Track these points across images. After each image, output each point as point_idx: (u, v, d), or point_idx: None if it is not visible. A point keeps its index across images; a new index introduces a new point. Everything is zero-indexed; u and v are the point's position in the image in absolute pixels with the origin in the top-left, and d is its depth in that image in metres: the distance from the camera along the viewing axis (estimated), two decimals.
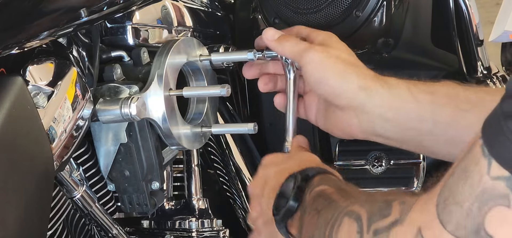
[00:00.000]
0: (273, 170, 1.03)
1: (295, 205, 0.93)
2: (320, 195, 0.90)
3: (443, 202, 0.65)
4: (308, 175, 0.95)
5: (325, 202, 0.87)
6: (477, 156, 0.62)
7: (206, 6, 1.40)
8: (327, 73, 1.06)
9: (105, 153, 1.15)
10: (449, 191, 0.65)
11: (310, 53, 1.07)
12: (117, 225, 1.21)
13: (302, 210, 0.92)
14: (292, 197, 0.93)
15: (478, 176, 0.62)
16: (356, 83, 1.05)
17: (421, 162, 1.44)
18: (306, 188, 0.93)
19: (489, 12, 2.65)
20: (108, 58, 1.15)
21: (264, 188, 1.02)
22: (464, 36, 1.50)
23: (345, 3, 1.30)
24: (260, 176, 1.06)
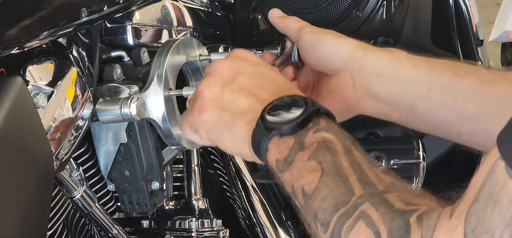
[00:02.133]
0: (252, 70, 0.93)
1: (298, 115, 0.82)
2: (326, 144, 0.80)
3: (472, 232, 0.61)
4: (319, 109, 0.84)
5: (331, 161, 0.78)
6: (502, 178, 0.59)
7: (206, 6, 1.41)
8: (323, 38, 1.04)
9: (105, 153, 1.15)
10: (477, 219, 0.61)
11: (309, 27, 1.05)
12: (117, 225, 1.21)
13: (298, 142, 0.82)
14: (300, 120, 0.82)
15: (507, 200, 0.59)
16: (352, 44, 1.02)
17: (421, 162, 1.44)
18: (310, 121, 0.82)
19: (489, 12, 2.65)
20: (108, 58, 1.16)
21: (234, 76, 0.92)
22: (464, 36, 1.50)
23: (345, 3, 1.30)
24: (233, 63, 0.94)
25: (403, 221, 0.69)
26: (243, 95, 0.91)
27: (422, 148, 1.45)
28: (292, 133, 0.82)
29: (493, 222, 0.60)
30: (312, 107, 0.83)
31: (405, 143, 1.47)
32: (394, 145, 1.48)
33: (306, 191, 0.79)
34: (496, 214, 0.59)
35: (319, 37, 1.04)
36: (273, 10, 1.11)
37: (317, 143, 0.81)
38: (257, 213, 1.46)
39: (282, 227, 1.46)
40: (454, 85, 0.98)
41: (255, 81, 0.92)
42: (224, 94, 0.92)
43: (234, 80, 0.93)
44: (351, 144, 0.81)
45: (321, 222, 0.76)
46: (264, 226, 1.46)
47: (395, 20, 1.37)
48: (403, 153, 1.45)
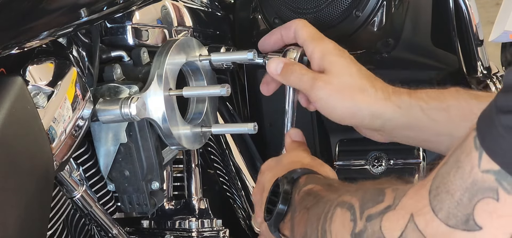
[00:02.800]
0: (269, 176, 1.04)
1: (284, 208, 0.94)
2: (308, 194, 0.92)
3: (435, 189, 0.66)
4: (293, 177, 0.96)
5: (314, 199, 0.89)
6: (469, 147, 0.63)
7: (206, 6, 1.40)
8: (337, 109, 1.07)
9: (105, 153, 1.15)
10: (441, 179, 0.66)
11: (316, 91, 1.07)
12: (117, 225, 1.21)
13: (292, 211, 0.94)
14: (280, 201, 0.95)
15: (469, 167, 0.63)
16: (368, 113, 1.06)
17: (421, 162, 1.44)
18: (293, 189, 0.95)
19: (489, 12, 2.65)
20: (108, 58, 1.16)
21: (262, 195, 1.05)
22: (464, 36, 1.50)
23: (345, 3, 1.30)
24: (259, 182, 1.08)
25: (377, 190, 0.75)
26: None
27: (422, 148, 1.45)
28: (287, 213, 0.95)
29: (454, 184, 0.64)
30: (285, 185, 0.96)
31: None
32: (394, 145, 1.47)
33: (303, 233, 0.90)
34: (458, 178, 0.64)
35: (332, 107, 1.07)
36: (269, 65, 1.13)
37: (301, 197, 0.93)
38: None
39: None
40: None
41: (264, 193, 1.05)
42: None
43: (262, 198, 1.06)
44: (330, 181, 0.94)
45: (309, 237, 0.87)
46: None
47: (395, 20, 1.37)
48: (403, 153, 1.45)
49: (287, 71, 1.10)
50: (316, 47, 1.09)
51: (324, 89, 1.06)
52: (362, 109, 1.05)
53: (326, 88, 1.06)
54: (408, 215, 0.69)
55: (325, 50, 1.09)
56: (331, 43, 1.10)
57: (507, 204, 0.61)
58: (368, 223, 0.74)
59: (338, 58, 1.08)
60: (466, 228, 0.64)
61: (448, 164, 0.66)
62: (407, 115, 1.05)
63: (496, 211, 0.62)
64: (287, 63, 1.11)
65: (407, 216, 0.69)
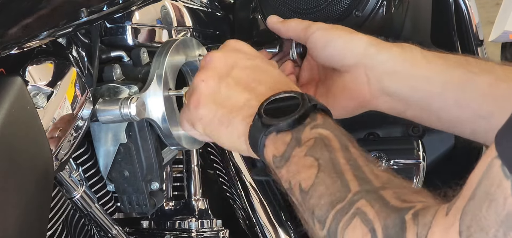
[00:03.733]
0: (248, 63, 0.93)
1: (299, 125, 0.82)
2: (323, 140, 0.80)
3: (467, 230, 0.62)
4: (316, 105, 0.84)
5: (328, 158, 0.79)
6: (498, 177, 0.59)
7: (205, 6, 1.40)
8: (334, 35, 1.03)
9: (105, 153, 1.15)
10: (472, 217, 0.61)
11: (316, 25, 1.05)
12: (117, 225, 1.21)
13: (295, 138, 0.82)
14: (297, 116, 0.82)
15: (502, 199, 0.59)
16: (365, 40, 1.02)
17: (421, 162, 1.44)
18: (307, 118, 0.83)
19: (489, 12, 2.65)
20: (108, 58, 1.15)
21: (230, 69, 0.92)
22: (464, 36, 1.50)
23: (345, 3, 1.30)
24: (228, 55, 0.95)
25: (398, 218, 0.69)
26: (239, 89, 0.91)
27: (422, 148, 1.45)
28: (289, 129, 0.82)
29: (488, 220, 0.60)
30: (309, 103, 0.83)
31: (405, 143, 1.47)
32: (394, 145, 1.48)
33: (303, 188, 0.79)
34: (491, 212, 0.60)
35: (329, 34, 1.04)
36: (271, 17, 1.11)
37: (314, 139, 0.81)
38: (257, 213, 1.46)
39: (282, 227, 1.46)
40: (468, 83, 0.98)
41: (251, 74, 0.92)
42: (220, 88, 0.92)
43: (229, 73, 0.93)
44: (347, 141, 0.82)
45: (318, 219, 0.77)
46: (264, 226, 1.46)
47: (395, 20, 1.37)
48: (403, 153, 1.45)
49: (286, 21, 1.09)
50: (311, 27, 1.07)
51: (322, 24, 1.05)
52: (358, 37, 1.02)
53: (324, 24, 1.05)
54: None
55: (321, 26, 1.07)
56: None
57: None
58: None
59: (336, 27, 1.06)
60: None
61: (477, 199, 0.61)
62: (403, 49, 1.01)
63: None
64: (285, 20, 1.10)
65: None
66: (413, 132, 1.52)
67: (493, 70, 0.97)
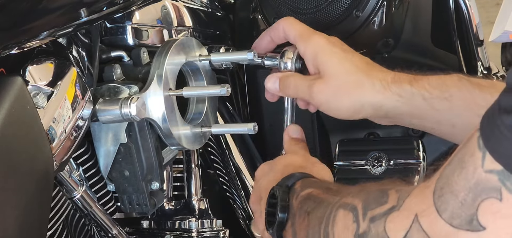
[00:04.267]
0: (264, 183, 1.05)
1: (284, 216, 0.95)
2: (307, 198, 0.92)
3: (440, 190, 0.66)
4: (287, 185, 0.97)
5: (313, 203, 0.89)
6: (473, 147, 0.63)
7: (206, 6, 1.40)
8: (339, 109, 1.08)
9: (105, 153, 1.15)
10: (446, 180, 0.66)
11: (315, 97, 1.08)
12: (117, 225, 1.21)
13: (292, 217, 0.94)
14: (279, 209, 0.95)
15: (472, 168, 0.63)
16: (370, 106, 1.06)
17: (421, 162, 1.44)
18: (290, 196, 0.95)
19: (489, 12, 2.65)
20: (108, 58, 1.15)
21: (260, 203, 1.05)
22: (464, 36, 1.50)
23: (345, 3, 1.30)
24: (255, 191, 1.09)
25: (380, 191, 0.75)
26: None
27: (422, 148, 1.45)
28: (287, 220, 0.95)
29: (458, 184, 0.64)
30: (280, 194, 0.95)
31: (405, 143, 1.47)
32: (394, 145, 1.47)
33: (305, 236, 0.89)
34: (462, 178, 0.64)
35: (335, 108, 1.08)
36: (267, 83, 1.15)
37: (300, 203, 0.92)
38: None
39: None
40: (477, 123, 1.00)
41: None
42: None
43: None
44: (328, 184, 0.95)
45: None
46: None
47: (395, 20, 1.37)
48: (403, 153, 1.45)
49: (284, 86, 1.13)
50: (307, 47, 1.10)
51: (322, 93, 1.07)
52: (363, 104, 1.06)
53: (324, 92, 1.07)
54: (413, 216, 0.69)
55: (316, 48, 1.09)
56: (321, 38, 1.10)
57: (510, 204, 0.61)
58: (371, 224, 0.74)
59: (329, 56, 1.08)
60: (470, 228, 0.63)
61: (452, 165, 0.66)
62: (409, 104, 1.04)
63: (499, 211, 0.62)
64: (282, 78, 1.13)
65: (411, 216, 0.69)
66: (413, 132, 1.52)
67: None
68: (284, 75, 1.13)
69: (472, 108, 1.01)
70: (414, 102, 1.04)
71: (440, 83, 1.04)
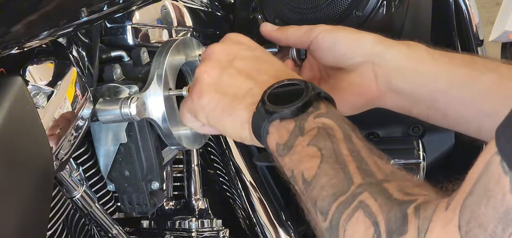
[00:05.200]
0: (249, 53, 0.94)
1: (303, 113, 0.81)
2: (326, 130, 0.80)
3: (466, 225, 0.62)
4: (320, 94, 0.84)
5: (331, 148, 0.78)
6: (497, 173, 0.59)
7: (206, 6, 1.40)
8: (340, 35, 1.04)
9: (105, 153, 1.15)
10: (471, 213, 0.62)
11: (317, 28, 1.05)
12: (117, 225, 1.21)
13: (298, 127, 0.82)
14: (301, 104, 0.82)
15: (500, 196, 0.59)
16: (371, 38, 1.03)
17: (421, 162, 1.44)
18: (311, 106, 0.83)
19: (489, 12, 2.65)
20: (108, 58, 1.16)
21: (232, 60, 0.93)
22: (464, 36, 1.50)
23: (345, 3, 1.30)
24: (229, 47, 0.96)
25: (400, 211, 0.69)
26: (242, 79, 0.91)
27: (422, 148, 1.45)
28: (293, 117, 0.82)
29: (486, 216, 0.60)
30: (313, 91, 0.83)
31: (405, 143, 1.47)
32: (394, 145, 1.47)
33: (306, 178, 0.79)
34: (490, 208, 0.60)
35: (334, 35, 1.04)
36: (264, 25, 1.11)
37: (317, 128, 0.81)
38: (257, 213, 1.46)
39: (282, 227, 1.46)
40: (473, 81, 0.98)
41: (252, 64, 0.93)
42: (223, 77, 0.92)
43: (231, 64, 0.93)
44: (351, 131, 0.81)
45: (320, 210, 0.76)
46: (264, 226, 1.46)
47: (395, 20, 1.37)
48: (403, 153, 1.45)
49: (283, 29, 1.09)
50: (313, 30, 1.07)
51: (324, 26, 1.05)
52: (365, 36, 1.03)
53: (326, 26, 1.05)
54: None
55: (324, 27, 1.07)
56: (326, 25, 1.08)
57: None
58: None
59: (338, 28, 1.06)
60: None
61: (476, 195, 0.61)
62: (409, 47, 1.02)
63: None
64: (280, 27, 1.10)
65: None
66: (413, 132, 1.52)
67: (498, 69, 0.98)
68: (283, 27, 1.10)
69: (471, 66, 0.99)
70: (416, 51, 1.02)
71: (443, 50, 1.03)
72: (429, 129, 1.52)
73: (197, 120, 0.96)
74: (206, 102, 0.92)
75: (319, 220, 0.77)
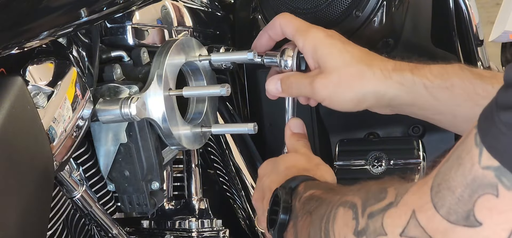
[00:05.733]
0: (267, 182, 1.05)
1: (285, 218, 0.95)
2: (309, 199, 0.92)
3: (437, 186, 0.67)
4: (291, 187, 0.97)
5: (316, 203, 0.89)
6: (470, 144, 0.64)
7: (206, 6, 1.40)
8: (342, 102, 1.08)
9: (105, 153, 1.15)
10: (443, 176, 0.66)
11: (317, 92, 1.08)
12: (117, 225, 1.21)
13: (294, 218, 0.94)
14: (281, 211, 0.95)
15: (469, 164, 0.64)
16: (372, 96, 1.06)
17: (421, 162, 1.44)
18: (293, 198, 0.96)
19: (489, 12, 2.66)
20: (108, 58, 1.16)
21: (263, 202, 1.05)
22: (464, 36, 1.50)
23: (345, 3, 1.30)
24: (258, 189, 1.09)
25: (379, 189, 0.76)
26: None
27: (422, 148, 1.45)
28: (289, 221, 0.95)
29: (455, 181, 0.65)
30: (284, 196, 0.96)
31: (405, 143, 1.47)
32: (394, 145, 1.47)
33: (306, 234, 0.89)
34: (459, 174, 0.64)
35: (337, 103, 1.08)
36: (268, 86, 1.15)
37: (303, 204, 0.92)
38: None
39: None
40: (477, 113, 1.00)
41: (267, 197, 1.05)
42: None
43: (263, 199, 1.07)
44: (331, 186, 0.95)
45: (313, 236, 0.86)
46: None
47: (395, 20, 1.37)
48: (403, 153, 1.45)
49: (286, 87, 1.13)
50: (305, 41, 1.10)
51: (324, 89, 1.07)
52: (365, 94, 1.06)
53: (326, 87, 1.07)
54: (410, 212, 0.69)
55: (315, 41, 1.09)
56: (319, 31, 1.11)
57: (507, 200, 0.62)
58: (370, 220, 0.74)
59: (329, 49, 1.08)
60: (466, 224, 0.64)
61: (450, 162, 0.66)
62: (410, 92, 1.05)
63: (496, 207, 0.62)
64: (283, 79, 1.13)
65: (409, 212, 0.69)
66: (413, 132, 1.52)
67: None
68: (285, 76, 1.13)
69: (473, 98, 1.02)
70: (415, 91, 1.04)
71: (442, 72, 1.04)
72: (429, 129, 1.52)
73: None
74: None
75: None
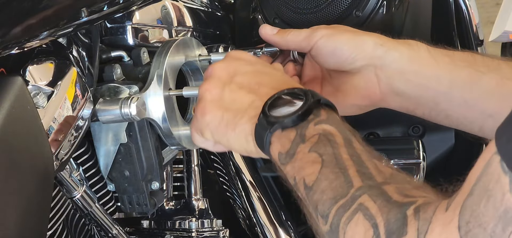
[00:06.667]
0: (249, 68, 0.96)
1: (301, 118, 0.83)
2: (326, 136, 0.81)
3: (466, 225, 0.62)
4: (320, 101, 0.85)
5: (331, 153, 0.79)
6: (497, 173, 0.59)
7: (206, 6, 1.41)
8: (340, 40, 1.04)
9: (105, 153, 1.15)
10: (471, 213, 0.62)
11: (317, 32, 1.05)
12: (117, 225, 1.21)
13: (299, 135, 0.83)
14: (301, 112, 0.83)
15: (500, 195, 0.59)
16: (372, 42, 1.04)
17: (421, 162, 1.44)
18: (311, 114, 0.84)
19: (489, 12, 2.66)
20: (108, 58, 1.16)
21: (232, 76, 0.94)
22: (464, 36, 1.50)
23: (345, 3, 1.30)
24: (229, 64, 0.97)
25: (400, 212, 0.69)
26: (243, 93, 0.92)
27: (422, 148, 1.45)
28: (294, 126, 0.83)
29: (486, 215, 0.60)
30: (312, 99, 0.84)
31: (405, 143, 1.47)
32: (394, 145, 1.47)
33: (307, 183, 0.80)
34: (489, 208, 0.60)
35: (335, 40, 1.05)
36: (263, 27, 1.11)
37: (317, 135, 0.82)
38: (257, 213, 1.46)
39: (282, 227, 1.46)
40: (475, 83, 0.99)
41: (253, 78, 0.94)
42: (224, 93, 0.93)
43: (232, 80, 0.94)
44: (351, 136, 0.82)
45: (321, 214, 0.77)
46: (264, 226, 1.46)
47: (395, 20, 1.37)
48: (403, 153, 1.45)
49: (283, 31, 1.09)
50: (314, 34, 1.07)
51: (328, 28, 1.05)
52: (365, 39, 1.04)
53: (326, 29, 1.05)
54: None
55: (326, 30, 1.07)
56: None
57: None
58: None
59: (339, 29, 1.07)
60: None
61: (476, 194, 0.61)
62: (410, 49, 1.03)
63: None
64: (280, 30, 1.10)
65: None
66: (413, 132, 1.52)
67: (500, 68, 0.99)
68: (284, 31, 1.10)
69: (472, 65, 1.00)
70: (417, 51, 1.02)
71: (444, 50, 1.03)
72: (429, 129, 1.52)
73: (204, 138, 0.96)
74: (209, 119, 0.94)
75: (320, 223, 0.78)
